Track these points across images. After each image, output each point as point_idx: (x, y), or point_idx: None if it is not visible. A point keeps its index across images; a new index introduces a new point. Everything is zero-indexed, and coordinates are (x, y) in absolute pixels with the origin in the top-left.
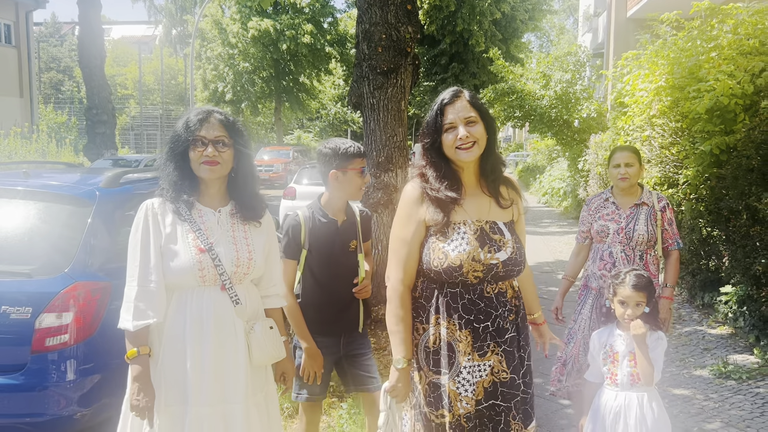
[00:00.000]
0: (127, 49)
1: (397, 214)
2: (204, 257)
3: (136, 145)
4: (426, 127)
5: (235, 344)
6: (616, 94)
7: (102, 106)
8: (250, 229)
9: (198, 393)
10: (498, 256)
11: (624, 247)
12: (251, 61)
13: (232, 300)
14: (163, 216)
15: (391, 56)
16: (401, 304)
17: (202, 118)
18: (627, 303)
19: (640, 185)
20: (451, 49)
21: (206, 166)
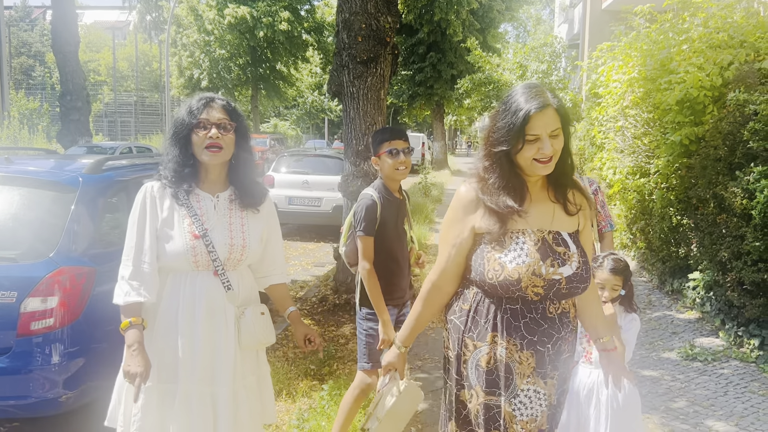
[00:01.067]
0: (100, 34)
1: (447, 213)
2: (198, 243)
3: (110, 133)
4: (502, 132)
5: (225, 328)
6: (590, 84)
7: (76, 93)
8: (247, 216)
9: (189, 372)
10: (561, 271)
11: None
12: (227, 48)
13: (224, 285)
14: (161, 199)
15: (370, 46)
16: (424, 301)
17: (205, 103)
18: (604, 286)
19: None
20: (428, 39)
21: (209, 151)
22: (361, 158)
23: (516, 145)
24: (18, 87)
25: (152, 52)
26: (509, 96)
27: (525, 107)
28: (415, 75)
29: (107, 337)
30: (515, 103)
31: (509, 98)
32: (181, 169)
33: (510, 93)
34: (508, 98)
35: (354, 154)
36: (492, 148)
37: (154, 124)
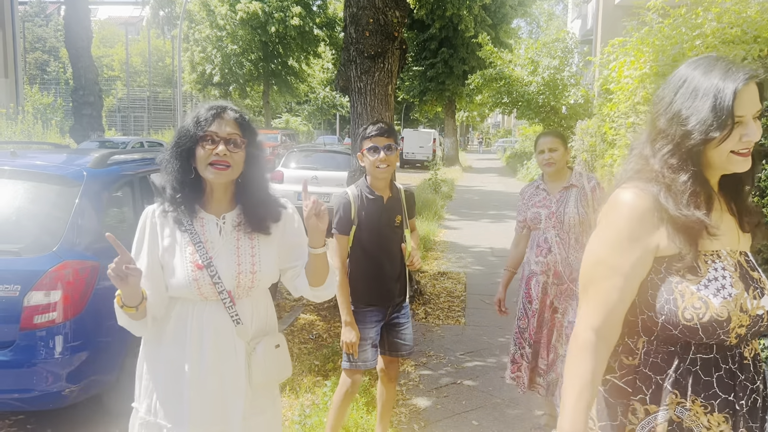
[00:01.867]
0: (113, 29)
1: (604, 230)
2: (201, 274)
3: (122, 128)
4: (698, 118)
5: (235, 364)
6: (602, 80)
7: (88, 88)
8: (258, 238)
9: (196, 412)
10: (763, 303)
11: (558, 231)
12: (239, 43)
13: (232, 320)
14: (162, 225)
15: (378, 40)
16: (593, 358)
17: (215, 113)
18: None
19: (570, 168)
20: (440, 34)
21: (214, 169)
22: None
23: (722, 134)
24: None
25: (165, 47)
26: (686, 74)
27: (729, 83)
28: (426, 71)
29: (110, 331)
30: (707, 81)
31: (689, 76)
32: (180, 186)
33: (683, 71)
34: (685, 76)
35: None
36: (685, 140)
37: (166, 119)
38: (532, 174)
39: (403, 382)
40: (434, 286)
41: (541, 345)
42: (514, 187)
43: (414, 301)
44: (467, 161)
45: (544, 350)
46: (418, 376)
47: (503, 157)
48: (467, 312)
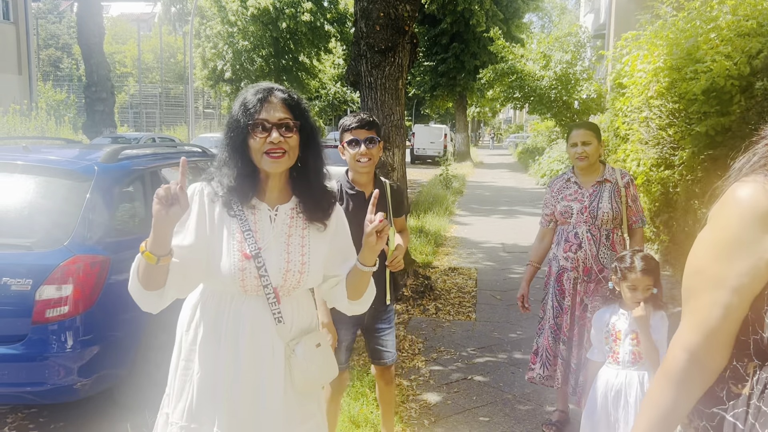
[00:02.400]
0: (125, 26)
1: (711, 231)
2: (248, 264)
3: (135, 124)
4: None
5: (272, 365)
6: (614, 75)
7: (101, 84)
8: (310, 234)
9: (229, 415)
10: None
11: (589, 226)
12: (250, 39)
13: (274, 318)
14: (211, 205)
15: (388, 35)
16: (671, 389)
17: (263, 98)
18: (636, 287)
19: (603, 162)
20: (451, 29)
21: (270, 159)
22: None
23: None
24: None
25: (177, 43)
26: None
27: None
28: (437, 66)
29: (122, 325)
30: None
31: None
32: (240, 180)
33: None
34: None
35: None
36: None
37: (178, 115)
38: (544, 170)
39: (413, 378)
40: (445, 281)
41: (573, 343)
42: (525, 182)
43: (425, 296)
44: (478, 157)
45: (576, 349)
46: (428, 372)
47: (515, 152)
48: (478, 308)
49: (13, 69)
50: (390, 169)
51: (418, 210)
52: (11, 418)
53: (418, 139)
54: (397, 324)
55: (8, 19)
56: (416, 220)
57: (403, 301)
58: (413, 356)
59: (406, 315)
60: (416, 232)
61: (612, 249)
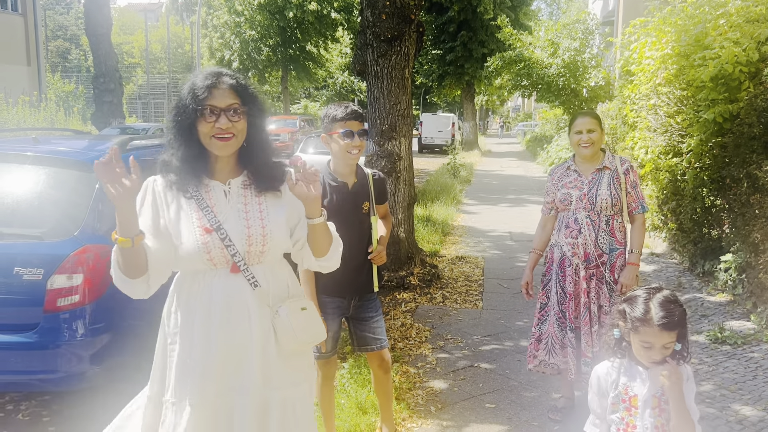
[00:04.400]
0: (133, 16)
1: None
2: (211, 238)
3: (143, 114)
4: None
5: (249, 331)
6: (623, 62)
7: (109, 75)
8: (266, 201)
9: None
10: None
11: (588, 212)
12: (258, 29)
13: (249, 283)
14: (165, 195)
15: (395, 23)
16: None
17: (211, 84)
18: (653, 346)
19: (603, 150)
20: (459, 17)
21: (219, 142)
22: (385, 138)
23: None
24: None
25: (184, 34)
26: None
27: None
28: (445, 54)
29: (132, 314)
30: None
31: None
32: (189, 161)
33: None
34: None
35: (378, 134)
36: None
37: None
38: (552, 158)
39: (420, 365)
40: (452, 270)
41: (582, 331)
42: (533, 171)
43: (432, 285)
44: (486, 145)
45: (588, 337)
46: (435, 359)
47: (523, 141)
48: (485, 296)
49: (22, 60)
50: (397, 159)
51: (425, 199)
52: (24, 405)
53: (426, 128)
54: (404, 312)
55: (17, 11)
56: (423, 209)
57: (410, 289)
58: (420, 344)
59: (413, 303)
60: (423, 221)
61: (611, 235)
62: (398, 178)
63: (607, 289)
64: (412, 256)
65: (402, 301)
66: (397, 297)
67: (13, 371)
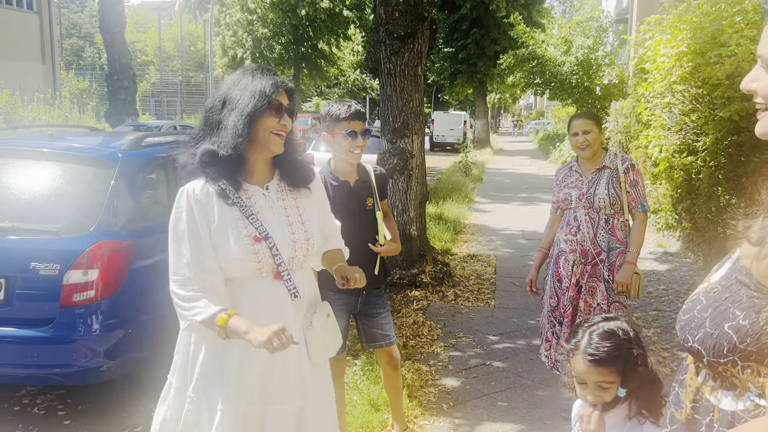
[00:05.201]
0: (146, 14)
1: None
2: (261, 247)
3: (156, 112)
4: None
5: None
6: (637, 60)
7: (123, 73)
8: (301, 200)
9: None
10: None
11: (588, 210)
12: (270, 27)
13: (290, 293)
14: (207, 203)
15: (408, 21)
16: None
17: (280, 83)
18: (584, 381)
19: (605, 149)
20: (471, 15)
21: (277, 138)
22: (397, 136)
23: None
24: (69, 67)
25: (197, 32)
26: None
27: None
28: (457, 52)
29: (146, 309)
30: None
31: None
32: (238, 157)
33: None
34: None
35: (391, 132)
36: None
37: (199, 103)
38: (565, 156)
39: (432, 363)
40: (464, 268)
41: (564, 323)
42: (546, 169)
43: (444, 283)
44: (498, 144)
45: (566, 328)
46: (447, 357)
47: (535, 139)
48: (497, 294)
49: (37, 58)
50: (409, 156)
51: (437, 197)
52: (40, 399)
53: (438, 126)
54: (416, 310)
55: (32, 9)
56: (435, 208)
57: (422, 287)
58: (432, 342)
59: (425, 301)
60: (435, 220)
61: (611, 234)
62: (410, 175)
63: (605, 288)
64: (424, 254)
65: (414, 298)
66: (409, 295)
67: (29, 365)
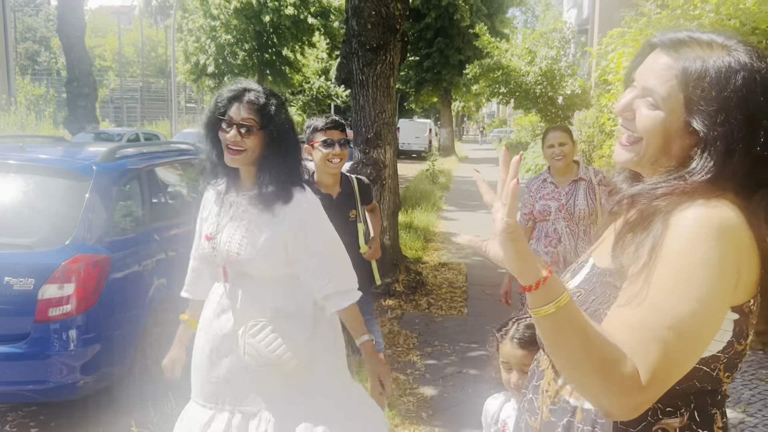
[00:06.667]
0: (104, 19)
1: (712, 254)
2: (208, 245)
3: (115, 118)
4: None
5: (230, 344)
6: (600, 71)
7: (83, 79)
8: (264, 219)
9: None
10: None
11: (567, 222)
12: (233, 33)
13: (228, 296)
14: (207, 201)
15: (380, 33)
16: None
17: (233, 97)
18: (511, 366)
19: (576, 162)
20: (436, 24)
21: (228, 154)
22: (371, 146)
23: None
24: (24, 73)
25: (158, 37)
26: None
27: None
28: (422, 61)
29: (122, 323)
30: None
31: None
32: (213, 167)
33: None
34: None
35: (363, 142)
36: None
37: (160, 110)
38: (528, 164)
39: (410, 372)
40: (436, 276)
41: None
42: None
43: (417, 291)
44: (463, 151)
45: None
46: (423, 366)
47: (499, 147)
48: (469, 302)
49: None
50: (382, 166)
51: (405, 205)
52: (11, 416)
53: (403, 134)
54: (390, 319)
55: None
56: (405, 216)
57: (396, 296)
58: (408, 350)
59: (399, 310)
60: (406, 228)
61: (590, 243)
62: (383, 185)
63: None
64: (397, 263)
65: (388, 308)
66: (383, 304)
67: (3, 382)
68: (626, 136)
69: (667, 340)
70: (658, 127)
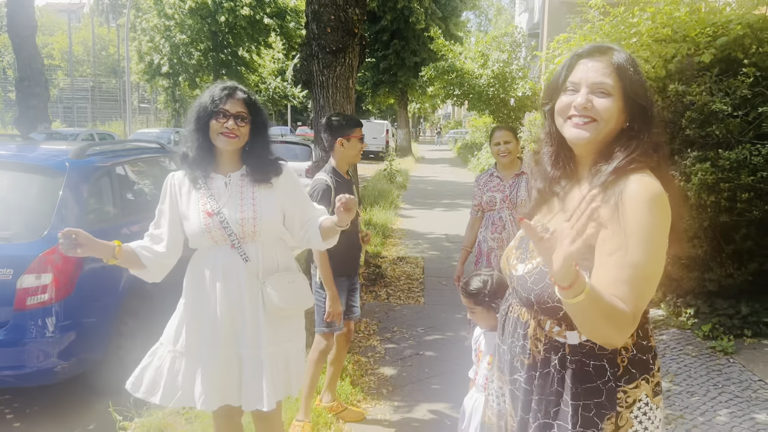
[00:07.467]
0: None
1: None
2: (212, 220)
3: (66, 119)
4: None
5: (241, 297)
6: (548, 74)
7: (34, 78)
8: (258, 191)
9: (212, 337)
10: None
11: (511, 211)
12: (188, 33)
13: (241, 257)
14: (180, 186)
15: (339, 37)
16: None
17: (228, 93)
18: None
19: (520, 158)
20: (392, 26)
21: (224, 138)
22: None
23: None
24: None
25: (109, 36)
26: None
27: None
28: (379, 62)
29: (97, 311)
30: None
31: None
32: (200, 152)
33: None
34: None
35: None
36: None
37: (112, 110)
38: (483, 164)
39: (371, 355)
40: (394, 269)
41: None
42: (465, 177)
43: (376, 283)
44: (419, 152)
45: None
46: (383, 349)
47: (454, 147)
48: (426, 292)
49: None
50: None
51: (364, 203)
52: None
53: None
54: None
55: None
56: (364, 213)
57: None
58: (369, 336)
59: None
60: (365, 225)
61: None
62: None
63: None
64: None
65: None
66: None
67: None
68: (576, 119)
69: (644, 288)
70: (613, 109)
